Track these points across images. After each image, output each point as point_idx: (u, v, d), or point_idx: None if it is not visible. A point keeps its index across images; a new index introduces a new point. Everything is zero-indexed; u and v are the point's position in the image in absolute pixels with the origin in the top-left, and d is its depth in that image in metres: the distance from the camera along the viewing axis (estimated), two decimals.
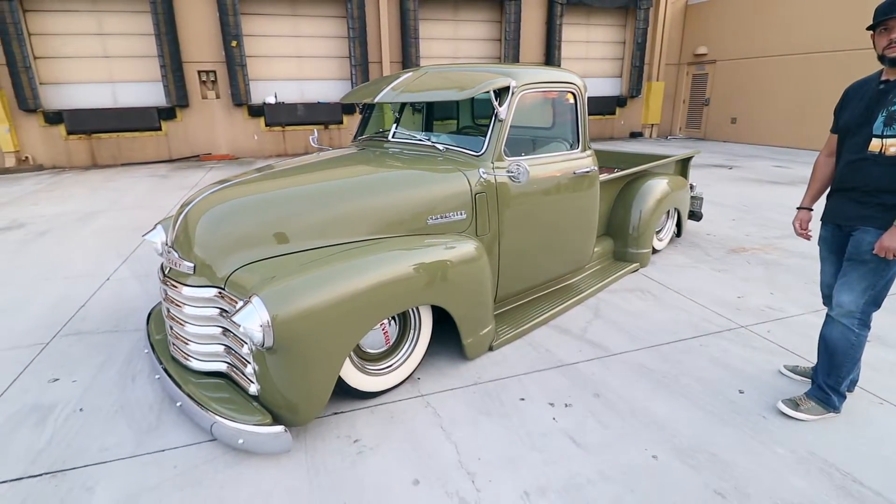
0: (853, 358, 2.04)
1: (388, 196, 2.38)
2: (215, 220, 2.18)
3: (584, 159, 3.11)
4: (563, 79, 2.97)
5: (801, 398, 2.16)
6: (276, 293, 1.83)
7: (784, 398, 2.19)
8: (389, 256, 2.18)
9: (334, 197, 2.33)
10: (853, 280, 1.98)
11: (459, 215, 2.52)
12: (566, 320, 3.06)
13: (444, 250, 2.36)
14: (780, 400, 2.18)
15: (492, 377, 2.46)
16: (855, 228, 1.98)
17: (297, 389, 1.95)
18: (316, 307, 1.88)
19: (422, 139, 2.92)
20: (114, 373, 2.57)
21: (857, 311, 1.98)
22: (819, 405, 2.12)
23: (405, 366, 2.39)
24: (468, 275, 2.43)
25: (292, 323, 1.81)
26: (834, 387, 2.09)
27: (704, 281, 3.66)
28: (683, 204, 4.38)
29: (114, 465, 1.92)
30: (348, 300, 1.97)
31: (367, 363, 2.29)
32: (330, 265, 2.02)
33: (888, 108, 1.85)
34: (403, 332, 2.42)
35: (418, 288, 2.23)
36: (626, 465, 1.87)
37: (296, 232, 2.18)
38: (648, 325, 2.99)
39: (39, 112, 9.65)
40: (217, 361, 2.20)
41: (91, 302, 3.45)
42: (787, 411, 2.13)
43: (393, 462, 1.91)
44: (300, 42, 11.05)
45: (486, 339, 2.64)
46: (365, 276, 2.04)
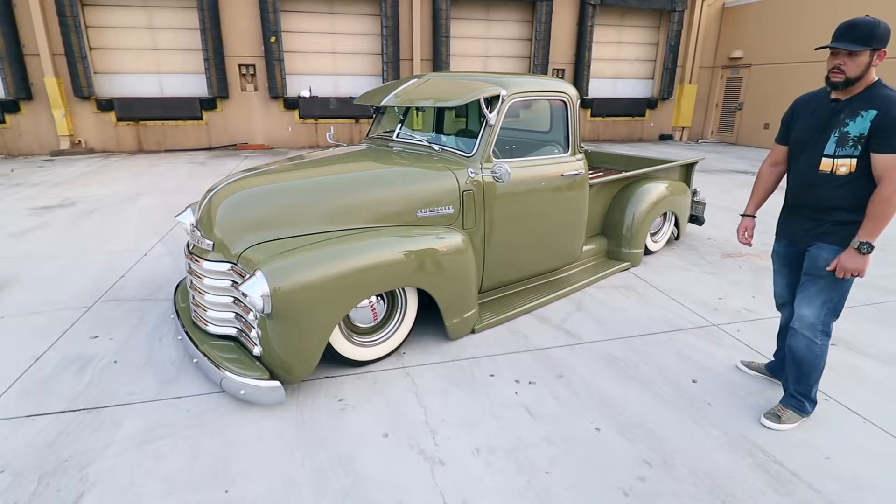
0: (819, 366, 2.13)
1: (384, 190, 2.69)
2: (233, 205, 2.53)
3: (574, 163, 3.34)
4: (554, 88, 3.20)
5: (780, 408, 2.22)
6: (276, 268, 2.17)
7: (764, 413, 2.24)
8: (380, 242, 2.48)
9: (337, 189, 2.65)
10: (812, 294, 2.07)
11: (447, 210, 2.80)
12: (549, 311, 3.30)
13: (433, 240, 2.65)
14: (763, 415, 2.22)
15: (469, 356, 2.74)
16: (810, 244, 2.07)
17: (291, 352, 2.28)
18: (310, 282, 2.20)
19: (420, 140, 3.21)
20: (144, 334, 2.97)
21: (818, 323, 2.06)
22: (795, 412, 2.19)
23: (391, 340, 2.70)
24: (453, 263, 2.71)
25: (289, 294, 2.14)
26: (805, 394, 2.17)
27: (691, 282, 3.83)
28: (682, 208, 4.52)
29: (139, 406, 2.30)
30: (338, 277, 2.28)
31: (357, 336, 2.61)
32: (326, 247, 2.34)
33: (840, 129, 1.92)
34: (391, 310, 2.73)
35: (405, 272, 2.52)
36: (571, 434, 2.13)
37: (301, 218, 2.51)
38: (625, 319, 3.20)
39: (93, 99, 10.40)
40: (229, 326, 2.55)
41: (129, 274, 3.90)
42: (771, 426, 2.17)
43: (369, 418, 2.22)
44: (335, 39, 11.49)
45: (469, 322, 2.91)
46: (355, 257, 2.35)
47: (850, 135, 1.90)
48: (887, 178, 1.83)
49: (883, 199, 1.84)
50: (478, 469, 1.93)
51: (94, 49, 10.32)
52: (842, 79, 1.89)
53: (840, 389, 2.46)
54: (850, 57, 1.86)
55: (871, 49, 1.84)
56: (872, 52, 1.84)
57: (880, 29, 1.83)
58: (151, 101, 10.67)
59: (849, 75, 1.87)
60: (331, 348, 2.47)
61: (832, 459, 2.00)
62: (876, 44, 1.83)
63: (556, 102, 3.30)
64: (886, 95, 1.85)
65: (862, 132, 1.87)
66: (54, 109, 10.16)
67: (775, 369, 2.52)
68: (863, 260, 1.91)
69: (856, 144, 1.89)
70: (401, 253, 2.50)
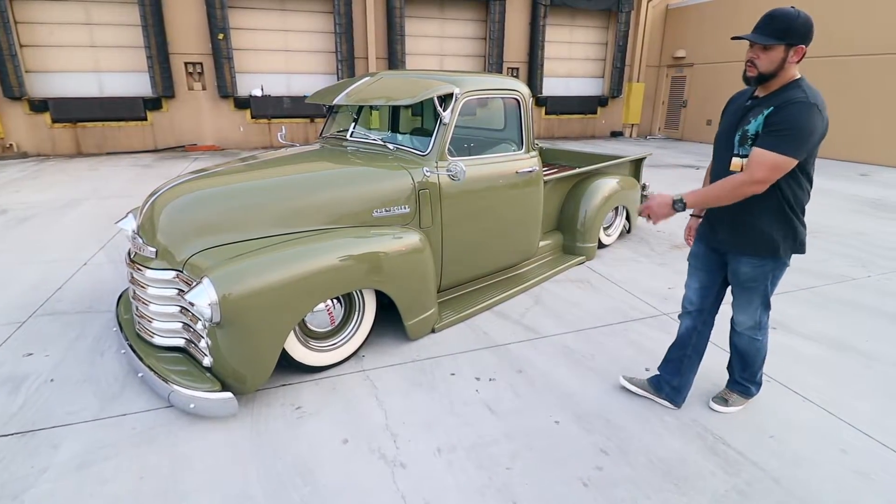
0: (762, 354, 2.19)
1: (338, 190, 2.63)
2: (177, 209, 2.42)
3: (528, 160, 3.38)
4: (507, 86, 3.23)
5: (726, 392, 2.29)
6: (224, 274, 2.08)
7: (712, 397, 2.31)
8: (335, 244, 2.43)
9: (289, 190, 2.58)
10: (743, 303, 2.06)
11: (403, 209, 2.77)
12: (508, 307, 3.33)
13: (390, 240, 2.62)
14: (711, 399, 2.30)
15: (429, 355, 2.73)
16: (728, 252, 2.00)
17: (244, 361, 2.21)
18: (260, 287, 2.13)
19: (374, 139, 3.17)
20: (84, 348, 2.80)
21: (756, 324, 2.09)
22: (741, 396, 2.27)
23: (349, 344, 2.65)
24: (411, 263, 2.69)
25: (238, 301, 2.07)
26: (749, 379, 2.25)
27: (642, 273, 3.96)
28: (633, 202, 4.66)
29: (78, 426, 2.17)
30: (291, 282, 2.22)
31: (313, 341, 2.55)
32: (277, 251, 2.27)
33: (743, 128, 1.82)
34: (349, 313, 2.68)
35: (361, 273, 2.48)
36: (530, 427, 2.15)
37: (251, 221, 2.42)
38: (581, 311, 3.27)
39: (25, 100, 9.75)
40: (177, 337, 2.44)
41: (68, 285, 3.67)
42: (719, 409, 2.25)
43: (328, 425, 2.18)
44: (287, 36, 11.21)
45: (429, 321, 2.90)
46: (308, 261, 2.30)
47: (749, 133, 1.80)
48: (748, 169, 1.74)
49: (733, 183, 1.76)
50: (439, 469, 1.92)
51: (24, 46, 9.66)
52: (755, 73, 1.77)
53: (780, 371, 2.60)
54: (763, 51, 1.73)
55: (786, 44, 1.70)
56: (788, 48, 1.70)
57: (798, 22, 1.68)
58: (90, 101, 10.10)
59: (760, 70, 1.75)
60: (287, 355, 2.40)
61: (775, 438, 2.11)
62: (791, 38, 1.69)
63: (510, 101, 3.33)
64: (791, 95, 1.72)
65: (757, 129, 1.77)
66: None
67: (659, 384, 2.33)
68: (667, 211, 1.85)
69: (752, 143, 1.78)
70: (357, 254, 2.46)
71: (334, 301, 2.55)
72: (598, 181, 4.26)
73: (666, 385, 2.30)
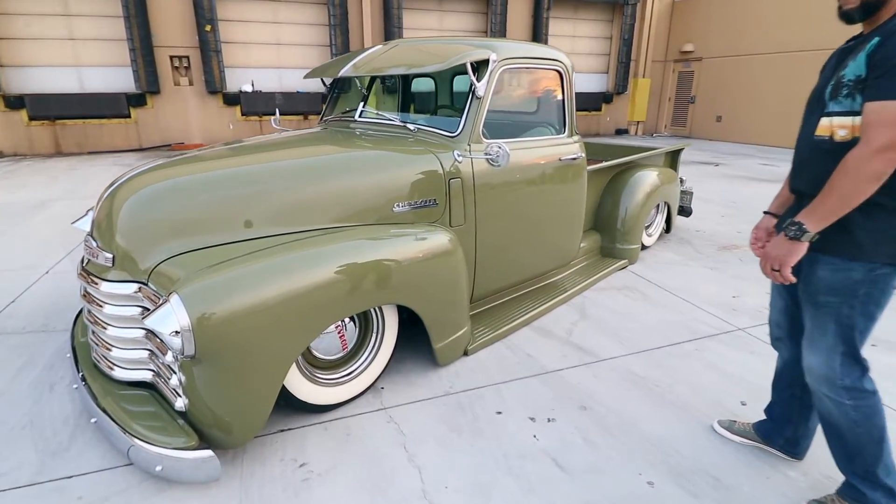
0: (869, 435, 1.38)
1: (349, 179, 2.08)
2: (141, 202, 1.85)
3: (571, 145, 2.85)
4: (548, 55, 2.70)
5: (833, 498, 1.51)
6: (200, 290, 1.52)
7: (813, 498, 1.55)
8: (346, 248, 1.88)
9: (287, 179, 2.02)
10: (815, 336, 1.40)
11: (430, 203, 2.23)
12: (549, 321, 2.79)
13: (413, 242, 2.07)
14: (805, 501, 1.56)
15: (465, 386, 2.18)
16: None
17: (230, 406, 1.64)
18: (250, 308, 1.57)
19: (391, 119, 2.61)
20: (31, 380, 2.23)
21: (836, 376, 1.36)
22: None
23: (366, 374, 2.09)
24: (440, 270, 2.14)
25: (218, 327, 1.51)
26: (865, 477, 1.42)
27: (695, 279, 3.43)
28: (673, 198, 4.15)
29: (7, 495, 1.60)
30: (292, 299, 1.66)
31: (320, 372, 1.99)
32: (272, 257, 1.71)
33: (837, 75, 1.30)
34: (364, 335, 2.13)
35: (380, 285, 1.93)
36: (617, 492, 1.61)
37: (238, 218, 1.86)
38: (639, 326, 2.73)
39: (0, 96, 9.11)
40: (142, 369, 1.88)
41: (23, 297, 3.09)
42: None
43: (344, 491, 1.62)
44: (279, 28, 10.63)
45: (461, 342, 2.35)
46: (314, 270, 1.74)
47: (845, 79, 1.26)
48: (864, 136, 1.19)
49: (847, 166, 1.20)
50: None
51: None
52: (855, 3, 1.26)
53: None
54: None
55: None
56: None
57: None
58: (69, 97, 9.46)
59: None
60: (287, 393, 1.85)
61: None
62: None
63: (550, 74, 2.79)
64: None
65: (859, 73, 1.23)
66: None
67: (769, 433, 1.77)
68: (788, 248, 1.29)
69: (852, 93, 1.24)
70: (374, 261, 1.91)
71: (345, 321, 2.00)
72: (638, 174, 3.73)
73: (778, 437, 1.75)
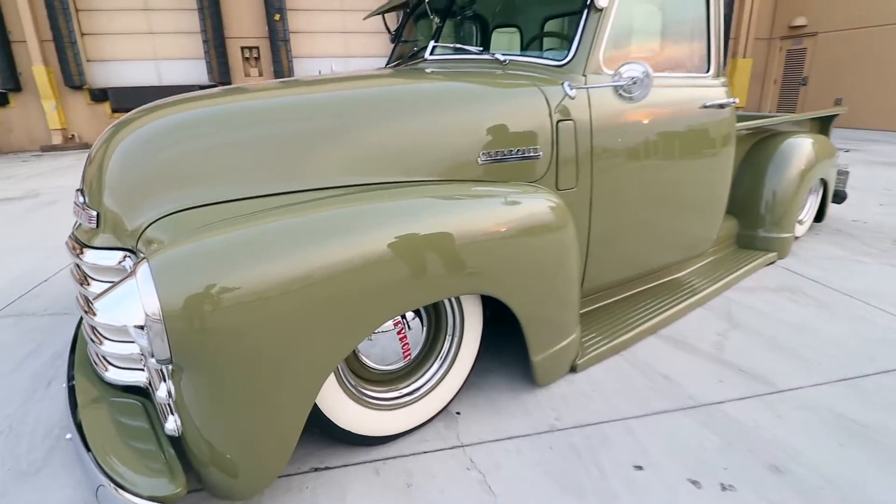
0: None
1: (412, 115, 1.46)
2: (141, 140, 1.33)
3: (717, 88, 2.08)
4: None
5: None
6: (181, 260, 0.96)
7: None
8: (407, 209, 1.26)
9: (327, 115, 1.42)
10: None
11: (530, 154, 1.56)
12: (684, 329, 2.03)
13: (505, 206, 1.42)
14: None
15: (578, 419, 1.49)
16: None
17: (235, 437, 1.07)
18: (262, 289, 0.99)
19: (474, 52, 1.97)
20: (32, 371, 1.82)
21: None
22: None
23: (436, 394, 1.47)
24: (543, 249, 1.47)
25: (210, 319, 0.93)
26: None
27: (883, 281, 2.50)
28: (831, 176, 3.19)
29: None
30: (328, 280, 1.06)
31: (371, 388, 1.39)
32: (300, 215, 1.12)
33: None
34: (435, 337, 1.50)
35: (458, 266, 1.29)
36: None
37: (261, 166, 1.30)
38: (820, 342, 1.91)
39: (86, 89, 9.48)
40: (136, 369, 1.36)
41: (56, 277, 2.77)
42: None
43: None
44: (345, 16, 10.37)
45: (567, 354, 1.67)
46: (362, 239, 1.13)
47: None
48: None
49: None
50: None
51: (85, 34, 9.39)
52: None
53: None
54: None
55: None
56: None
57: None
58: (148, 89, 9.70)
59: None
60: (321, 415, 1.26)
61: None
62: None
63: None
64: None
65: None
66: (44, 101, 9.25)
67: None
68: None
69: None
70: (452, 230, 1.28)
71: (408, 316, 1.39)
72: (790, 141, 2.84)
73: None
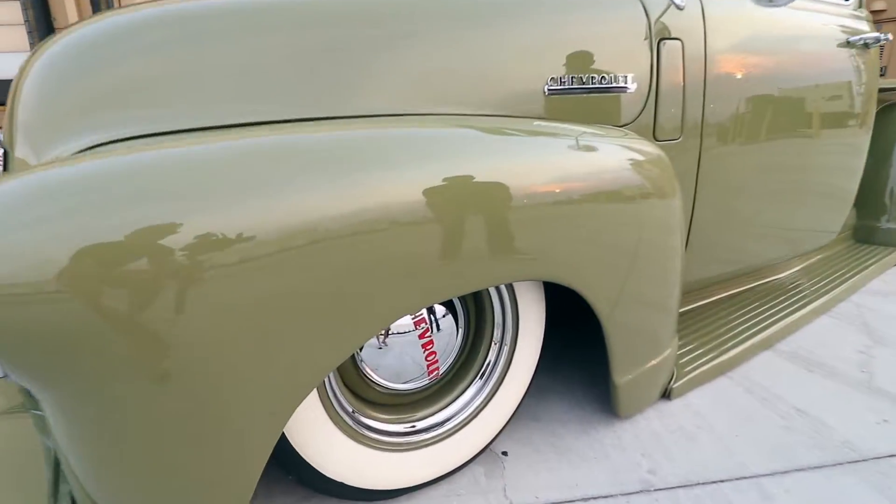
0: None
1: (445, 24, 1.00)
2: (61, 56, 0.94)
3: (860, 21, 1.55)
4: None
5: None
6: (17, 197, 0.54)
7: None
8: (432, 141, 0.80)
9: (321, 20, 0.98)
10: None
11: (620, 84, 1.08)
12: (808, 343, 1.51)
13: (578, 153, 0.94)
14: None
15: (685, 475, 1.00)
16: None
17: (134, 493, 0.65)
18: (169, 255, 0.56)
19: None
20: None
21: None
22: None
23: (475, 426, 1.00)
24: (641, 222, 0.99)
25: (58, 296, 0.51)
26: None
27: None
28: None
29: None
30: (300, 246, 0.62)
31: (376, 414, 0.94)
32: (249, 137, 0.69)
33: None
34: (475, 343, 1.04)
35: (513, 236, 0.82)
36: None
37: (228, 81, 0.88)
38: None
39: None
40: None
41: None
42: None
43: None
44: None
45: (660, 374, 1.18)
46: (352, 180, 0.68)
47: None
48: None
49: None
50: None
51: None
52: None
53: None
54: None
55: None
56: None
57: None
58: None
59: None
60: (299, 459, 0.82)
61: None
62: None
63: None
64: None
65: None
66: None
67: None
68: None
69: None
70: (505, 178, 0.80)
71: (435, 311, 0.93)
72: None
73: None
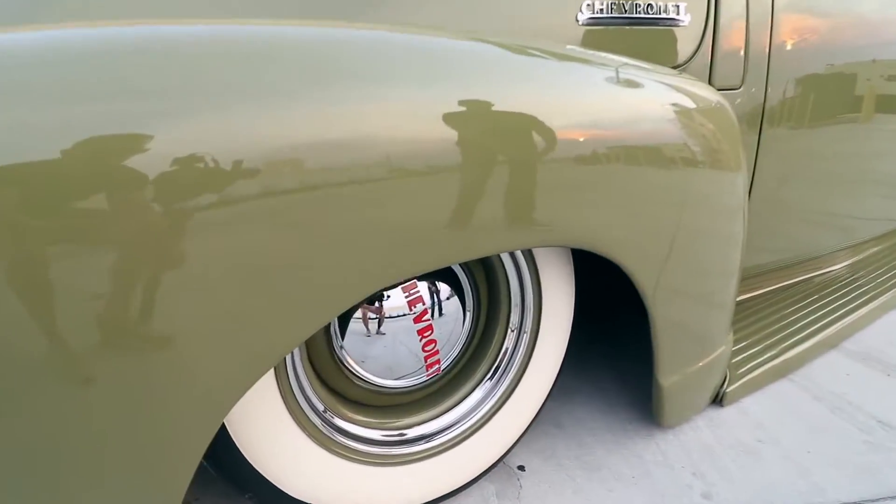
0: None
1: None
2: None
3: None
4: None
5: None
6: None
7: None
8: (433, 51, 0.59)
9: None
10: None
11: (672, 11, 0.88)
12: (879, 343, 1.28)
13: (616, 87, 0.72)
14: None
15: (746, 500, 0.79)
16: None
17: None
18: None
19: None
20: None
21: None
22: None
23: (484, 434, 0.80)
24: (697, 187, 0.78)
25: None
26: None
27: None
28: None
29: None
30: (239, 179, 0.43)
31: (356, 417, 0.74)
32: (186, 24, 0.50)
33: None
34: (487, 329, 0.84)
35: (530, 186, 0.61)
36: None
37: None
38: None
39: None
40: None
41: None
42: None
43: None
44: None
45: (711, 376, 0.96)
46: (319, 94, 0.49)
47: None
48: None
49: None
50: None
51: None
52: None
53: None
54: None
55: None
56: None
57: None
58: None
59: None
60: (244, 465, 0.63)
61: None
62: None
63: None
64: None
65: None
66: None
67: None
68: None
69: None
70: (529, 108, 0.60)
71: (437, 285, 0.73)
72: None
73: None
